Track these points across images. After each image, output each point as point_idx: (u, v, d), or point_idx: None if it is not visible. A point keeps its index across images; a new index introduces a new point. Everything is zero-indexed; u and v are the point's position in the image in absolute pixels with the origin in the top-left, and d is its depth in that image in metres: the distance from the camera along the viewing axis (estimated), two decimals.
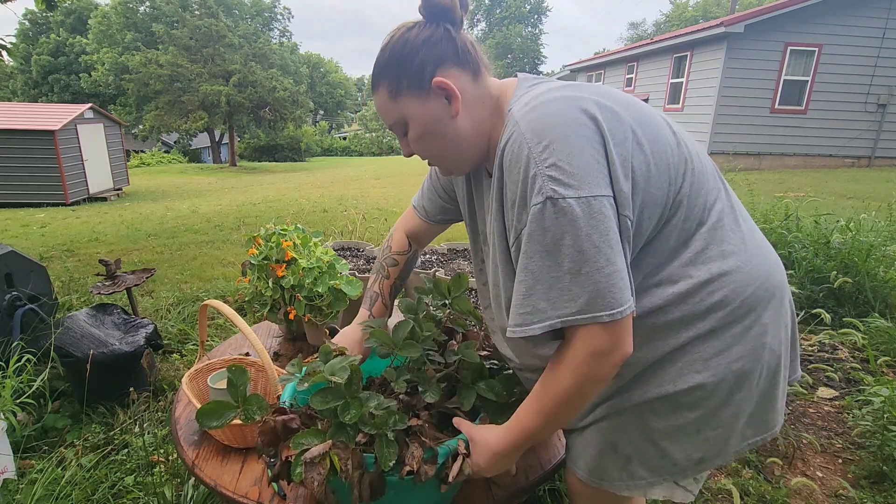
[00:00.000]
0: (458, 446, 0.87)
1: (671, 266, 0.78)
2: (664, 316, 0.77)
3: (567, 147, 0.68)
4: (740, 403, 0.80)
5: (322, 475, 0.76)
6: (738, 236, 0.81)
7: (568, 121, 0.70)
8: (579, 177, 0.67)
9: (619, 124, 0.73)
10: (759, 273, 0.80)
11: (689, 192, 0.77)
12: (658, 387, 0.80)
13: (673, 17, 37.15)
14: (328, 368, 0.88)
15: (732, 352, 0.78)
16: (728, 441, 0.83)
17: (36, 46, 28.06)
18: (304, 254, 1.58)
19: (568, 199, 0.67)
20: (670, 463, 0.83)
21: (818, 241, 3.16)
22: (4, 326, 2.30)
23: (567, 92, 0.75)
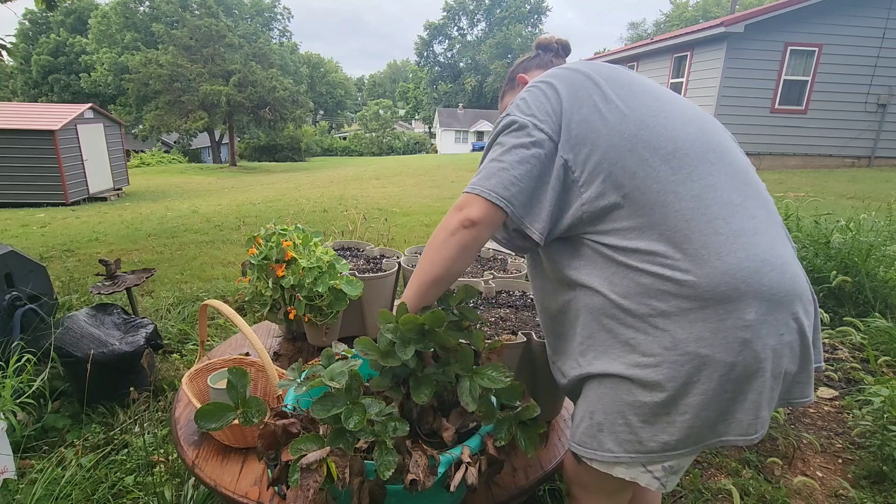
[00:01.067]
0: (461, 454, 0.86)
1: (653, 234, 0.83)
2: (638, 277, 0.83)
3: (529, 96, 0.94)
4: (708, 393, 0.80)
5: (318, 482, 0.75)
6: (725, 225, 0.82)
7: (537, 83, 0.95)
8: (527, 110, 0.91)
9: (598, 97, 0.90)
10: (741, 267, 0.80)
11: (675, 162, 0.84)
12: (628, 355, 0.84)
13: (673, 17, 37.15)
14: (328, 373, 0.87)
15: (700, 335, 0.79)
16: (696, 430, 0.83)
17: (36, 46, 28.07)
18: (304, 254, 1.58)
19: (514, 116, 0.91)
20: (637, 440, 0.85)
21: (818, 241, 3.16)
22: (4, 326, 2.30)
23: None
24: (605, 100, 0.89)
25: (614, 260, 0.85)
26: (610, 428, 0.87)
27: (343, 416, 0.82)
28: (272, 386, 1.08)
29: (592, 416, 0.89)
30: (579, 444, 0.92)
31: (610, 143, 0.85)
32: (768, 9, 9.91)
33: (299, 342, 1.71)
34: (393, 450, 0.81)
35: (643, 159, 0.84)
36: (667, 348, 0.81)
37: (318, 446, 0.80)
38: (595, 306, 0.88)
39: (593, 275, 0.88)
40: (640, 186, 0.84)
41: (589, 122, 0.87)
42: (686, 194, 0.83)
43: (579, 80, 0.92)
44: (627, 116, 0.87)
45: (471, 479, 0.84)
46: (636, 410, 0.84)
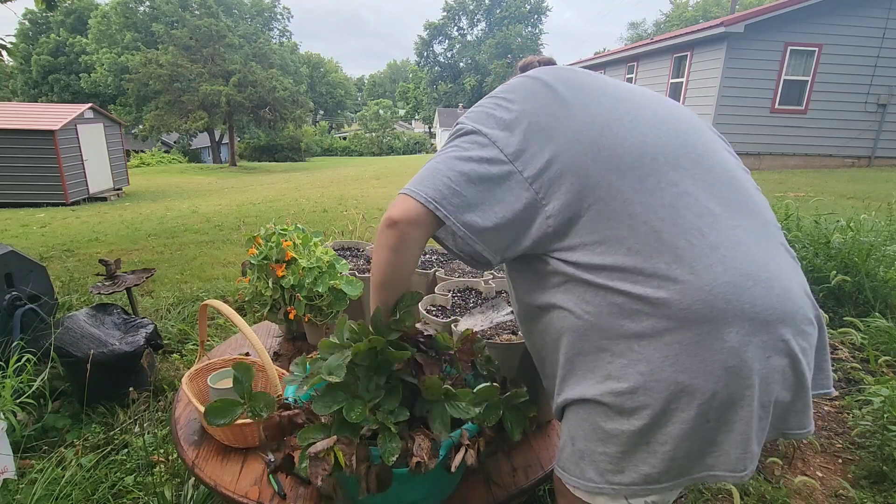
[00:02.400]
0: (461, 437, 0.89)
1: (621, 249, 0.77)
2: (609, 297, 0.77)
3: (483, 106, 0.93)
4: (689, 422, 0.74)
5: (327, 470, 0.78)
6: (701, 237, 0.76)
7: (493, 94, 0.94)
8: (477, 119, 0.89)
9: (552, 99, 0.87)
10: (718, 282, 0.73)
11: (640, 170, 0.79)
12: (605, 381, 0.78)
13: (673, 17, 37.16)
14: (325, 368, 0.89)
15: (679, 361, 0.73)
16: (679, 462, 0.76)
17: (36, 46, 28.07)
18: (304, 254, 1.58)
19: (465, 125, 0.91)
20: (617, 470, 0.79)
21: (818, 241, 3.16)
22: (4, 326, 2.30)
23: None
24: (564, 105, 0.84)
25: (582, 279, 0.80)
26: (590, 456, 0.81)
27: (345, 411, 0.84)
28: (272, 386, 1.08)
29: (574, 442, 0.84)
30: (563, 469, 0.87)
31: (570, 151, 0.80)
32: (768, 9, 9.91)
33: (299, 342, 1.71)
34: (396, 435, 0.83)
35: (607, 168, 0.79)
36: (642, 373, 0.75)
37: (325, 435, 0.82)
38: (570, 328, 0.82)
39: (565, 296, 0.82)
40: (604, 197, 0.78)
41: (546, 132, 0.82)
42: (656, 204, 0.77)
43: (535, 87, 0.88)
44: (588, 123, 0.82)
45: (470, 461, 0.87)
46: (614, 439, 0.78)
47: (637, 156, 0.79)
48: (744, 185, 0.86)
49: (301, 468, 0.80)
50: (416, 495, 0.94)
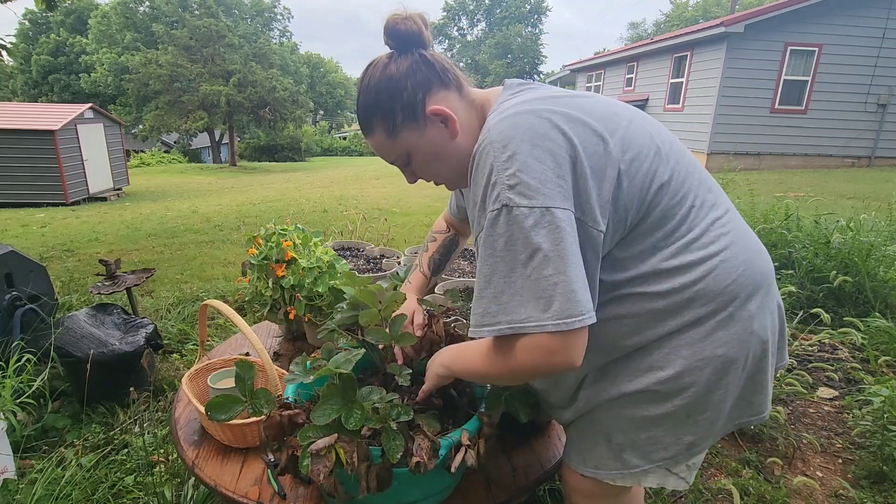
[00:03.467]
0: (461, 437, 0.89)
1: (654, 258, 0.79)
2: (649, 305, 0.80)
3: (529, 158, 0.71)
4: (727, 388, 0.82)
5: (328, 467, 0.78)
6: (721, 226, 0.83)
7: (535, 134, 0.73)
8: (535, 188, 0.70)
9: (590, 136, 0.75)
10: (742, 261, 0.81)
11: (666, 192, 0.79)
12: (645, 373, 0.83)
13: (673, 17, 37.16)
14: (333, 363, 0.89)
15: (717, 337, 0.80)
16: (716, 424, 0.85)
17: (36, 46, 28.06)
18: (304, 254, 1.58)
19: (521, 207, 0.69)
20: (662, 448, 0.85)
21: (818, 241, 3.16)
22: (4, 326, 2.30)
23: (541, 105, 0.77)
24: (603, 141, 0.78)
25: (620, 294, 0.81)
26: (632, 445, 0.87)
27: (343, 418, 0.84)
28: (272, 385, 1.08)
29: (610, 438, 0.88)
30: (597, 468, 0.91)
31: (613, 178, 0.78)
32: (768, 9, 9.91)
33: (299, 342, 1.71)
34: (399, 434, 0.84)
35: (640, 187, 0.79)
36: (686, 357, 0.80)
37: (326, 434, 0.83)
38: (599, 341, 0.82)
39: (597, 312, 0.79)
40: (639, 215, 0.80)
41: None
42: (684, 203, 0.81)
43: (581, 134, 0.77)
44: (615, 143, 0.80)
45: (470, 461, 0.87)
46: (659, 422, 0.84)
47: (659, 170, 0.82)
48: (701, 167, 0.91)
49: (302, 466, 0.80)
50: (416, 495, 0.94)
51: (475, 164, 0.78)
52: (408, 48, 0.85)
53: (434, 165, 0.91)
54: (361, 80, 0.88)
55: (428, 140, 0.87)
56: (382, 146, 0.90)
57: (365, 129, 0.90)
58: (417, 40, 0.84)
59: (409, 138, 0.86)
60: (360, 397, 0.88)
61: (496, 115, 0.79)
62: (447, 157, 0.89)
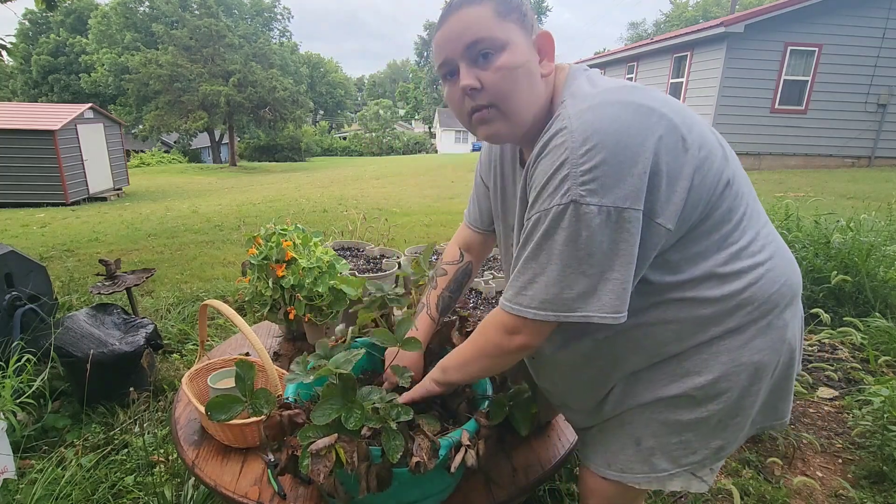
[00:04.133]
0: (461, 437, 0.89)
1: (709, 262, 0.78)
2: (697, 311, 0.79)
3: (607, 154, 0.68)
4: (758, 394, 0.84)
5: (328, 467, 0.78)
6: (765, 236, 0.83)
7: (620, 127, 0.69)
8: (609, 185, 0.68)
9: (671, 132, 0.72)
10: (783, 272, 0.83)
11: (729, 194, 0.78)
12: (682, 378, 0.82)
13: (673, 17, 37.15)
14: (333, 362, 0.89)
15: (754, 345, 0.81)
16: (744, 428, 0.86)
17: (36, 46, 28.07)
18: (304, 254, 1.58)
19: (591, 204, 0.68)
20: (691, 452, 0.86)
21: (818, 241, 3.16)
22: (4, 326, 2.30)
23: (625, 96, 0.73)
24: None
25: (670, 298, 0.80)
26: (663, 449, 0.86)
27: (343, 418, 0.84)
28: (272, 385, 1.08)
29: (639, 442, 0.88)
30: (622, 471, 0.90)
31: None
32: (768, 9, 9.91)
33: (299, 342, 1.71)
34: (399, 434, 0.84)
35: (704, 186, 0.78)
36: (724, 363, 0.80)
37: (326, 433, 0.83)
38: (640, 345, 0.83)
39: (643, 314, 0.81)
40: (696, 216, 0.78)
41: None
42: (737, 209, 0.80)
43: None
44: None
45: (470, 461, 0.87)
46: (691, 427, 0.84)
47: (724, 173, 0.80)
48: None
49: (302, 466, 0.80)
50: (416, 495, 0.94)
51: (547, 147, 0.73)
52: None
53: (517, 77, 0.78)
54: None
55: (527, 51, 0.79)
56: (483, 20, 0.77)
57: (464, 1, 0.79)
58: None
59: (513, 32, 0.78)
60: (360, 397, 0.88)
61: (577, 102, 0.74)
62: (530, 82, 0.80)
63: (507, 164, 1.00)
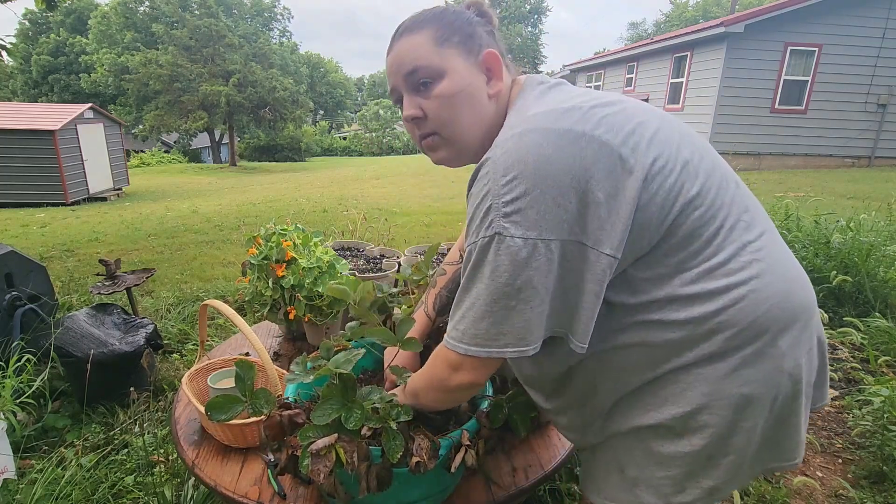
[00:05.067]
0: (461, 437, 0.89)
1: (673, 282, 0.73)
2: (664, 335, 0.73)
3: (529, 185, 0.66)
4: (752, 431, 0.75)
5: (328, 467, 0.78)
6: (754, 251, 0.74)
7: (540, 158, 0.67)
8: (532, 218, 0.66)
9: (605, 156, 0.68)
10: (774, 291, 0.73)
11: (694, 208, 0.72)
12: (658, 408, 0.76)
13: (673, 17, 37.16)
14: (333, 362, 0.89)
15: (741, 374, 0.72)
16: (741, 468, 0.77)
17: (36, 46, 28.07)
18: (304, 254, 1.58)
19: (515, 237, 0.66)
20: (679, 491, 0.78)
21: (818, 241, 3.16)
22: (4, 326, 2.30)
23: (552, 122, 0.70)
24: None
25: (635, 321, 0.75)
26: (647, 482, 0.80)
27: (343, 418, 0.84)
28: (272, 385, 1.08)
29: (623, 470, 0.82)
30: (610, 500, 0.84)
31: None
32: (768, 9, 9.91)
33: (299, 342, 1.71)
34: (399, 434, 0.83)
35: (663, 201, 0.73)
36: (705, 394, 0.73)
37: (326, 433, 0.82)
38: (611, 370, 0.79)
39: (610, 338, 0.77)
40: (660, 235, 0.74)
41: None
42: (709, 218, 0.74)
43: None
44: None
45: (470, 461, 0.87)
46: (675, 461, 0.77)
47: (686, 187, 0.75)
48: (738, 179, 0.82)
49: (302, 466, 0.80)
50: (416, 495, 0.94)
51: (476, 176, 0.73)
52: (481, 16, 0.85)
53: (457, 104, 0.79)
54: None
55: (468, 75, 0.79)
56: (420, 49, 0.78)
57: (410, 27, 0.80)
58: (488, 17, 0.86)
59: (454, 59, 0.78)
60: (360, 397, 0.88)
61: (506, 130, 0.73)
62: (473, 107, 0.80)
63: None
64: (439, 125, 0.80)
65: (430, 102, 0.79)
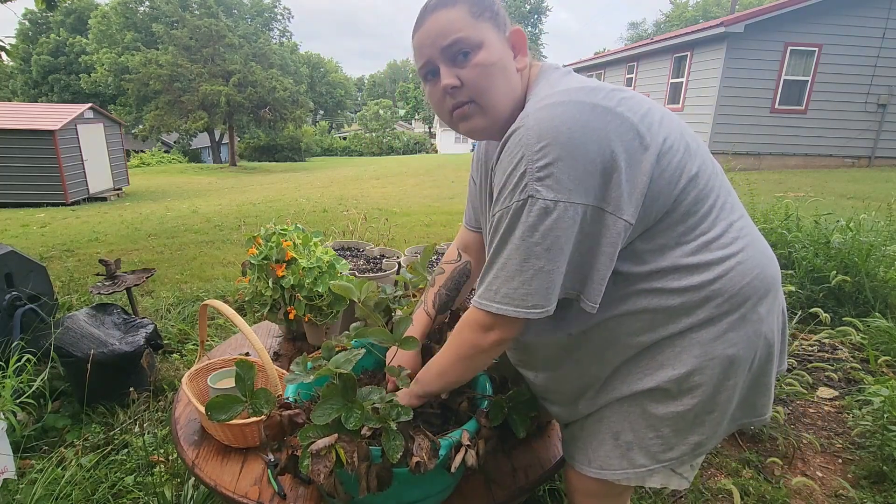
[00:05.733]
0: (461, 437, 0.89)
1: (675, 253, 0.80)
2: (665, 301, 0.80)
3: (561, 151, 0.71)
4: (734, 388, 0.84)
5: (328, 467, 0.78)
6: (739, 229, 0.84)
7: (573, 126, 0.72)
8: (563, 181, 0.72)
9: (628, 131, 0.75)
10: (755, 264, 0.83)
11: (694, 187, 0.80)
12: (657, 371, 0.83)
13: (673, 17, 37.15)
14: (333, 362, 0.89)
15: (728, 338, 0.81)
16: (721, 424, 0.86)
17: (36, 46, 28.06)
18: (304, 254, 1.58)
19: (547, 199, 0.72)
20: (669, 448, 0.86)
21: (818, 241, 3.16)
22: (4, 326, 2.30)
23: (582, 96, 0.76)
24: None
25: (638, 289, 0.82)
26: (640, 444, 0.87)
27: (343, 418, 0.84)
28: (272, 385, 1.08)
29: (618, 437, 0.88)
30: (602, 468, 0.90)
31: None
32: (768, 9, 9.91)
33: (299, 342, 1.71)
34: (399, 434, 0.84)
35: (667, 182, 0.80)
36: (697, 356, 0.81)
37: (326, 434, 0.83)
38: (614, 336, 0.84)
39: (623, 306, 0.83)
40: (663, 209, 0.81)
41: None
42: (703, 198, 0.82)
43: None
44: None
45: (470, 461, 0.87)
46: (667, 422, 0.85)
47: (688, 168, 0.83)
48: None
49: (302, 466, 0.80)
50: (416, 495, 0.94)
51: (507, 146, 0.77)
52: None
53: (492, 74, 0.83)
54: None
55: (501, 48, 0.84)
56: (459, 21, 0.82)
57: (443, 2, 0.83)
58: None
59: (487, 30, 0.83)
60: (360, 397, 0.88)
61: (536, 102, 0.78)
62: (506, 78, 0.84)
63: (490, 161, 1.03)
64: (477, 93, 0.84)
65: (467, 72, 0.83)
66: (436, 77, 0.86)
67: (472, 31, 0.82)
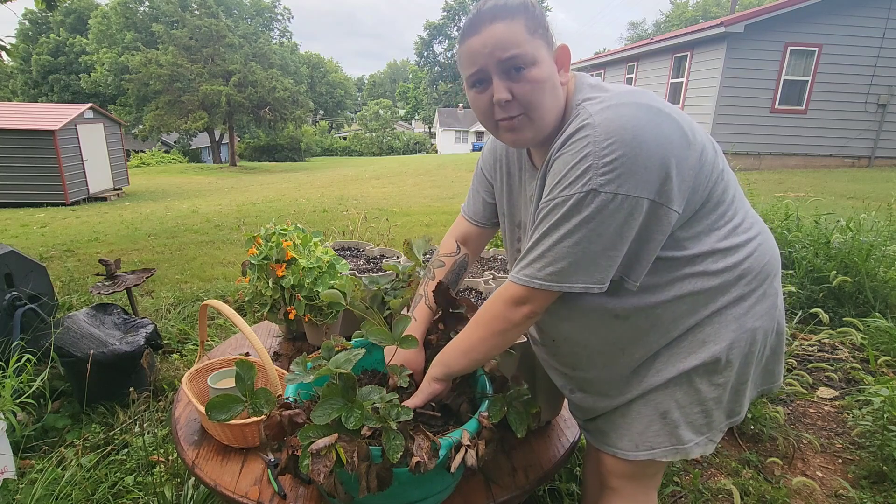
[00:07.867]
0: (461, 437, 0.89)
1: (711, 238, 0.88)
2: (705, 283, 0.88)
3: (627, 149, 0.77)
4: (760, 358, 0.94)
5: (328, 467, 0.78)
6: (752, 217, 0.94)
7: (636, 125, 0.78)
8: (625, 176, 0.77)
9: (677, 129, 0.82)
10: (770, 245, 0.94)
11: (721, 180, 0.88)
12: (700, 348, 0.90)
13: (673, 17, 37.16)
14: (333, 362, 0.89)
15: (755, 311, 0.90)
16: (748, 392, 0.96)
17: (36, 46, 28.08)
18: (304, 254, 1.58)
19: (609, 192, 0.78)
20: (711, 420, 0.93)
21: (818, 241, 3.16)
22: (4, 326, 2.30)
23: (638, 98, 0.83)
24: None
25: (684, 273, 0.88)
26: (687, 419, 0.93)
27: (343, 418, 0.84)
28: (272, 385, 1.08)
29: (665, 416, 0.93)
30: (651, 448, 0.95)
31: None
32: (768, 9, 9.90)
33: (299, 342, 1.71)
34: (399, 434, 0.84)
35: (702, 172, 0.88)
36: (734, 330, 0.89)
37: (326, 433, 0.83)
38: (661, 321, 0.90)
39: (661, 291, 0.88)
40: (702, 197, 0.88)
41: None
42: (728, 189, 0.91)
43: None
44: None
45: (470, 461, 0.87)
46: (712, 395, 0.92)
47: (717, 162, 0.91)
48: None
49: (302, 466, 0.80)
50: (416, 495, 0.94)
51: (569, 142, 0.81)
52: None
53: (544, 89, 0.86)
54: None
55: (551, 64, 0.88)
56: (517, 36, 0.84)
57: (501, 14, 0.84)
58: None
59: (541, 47, 0.86)
60: (360, 397, 0.88)
61: (594, 104, 0.83)
62: (554, 93, 0.88)
63: (513, 164, 1.08)
64: (528, 107, 0.87)
65: (521, 86, 0.86)
66: (484, 85, 0.88)
67: (529, 47, 0.84)
